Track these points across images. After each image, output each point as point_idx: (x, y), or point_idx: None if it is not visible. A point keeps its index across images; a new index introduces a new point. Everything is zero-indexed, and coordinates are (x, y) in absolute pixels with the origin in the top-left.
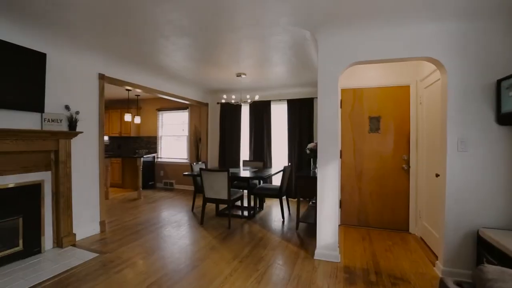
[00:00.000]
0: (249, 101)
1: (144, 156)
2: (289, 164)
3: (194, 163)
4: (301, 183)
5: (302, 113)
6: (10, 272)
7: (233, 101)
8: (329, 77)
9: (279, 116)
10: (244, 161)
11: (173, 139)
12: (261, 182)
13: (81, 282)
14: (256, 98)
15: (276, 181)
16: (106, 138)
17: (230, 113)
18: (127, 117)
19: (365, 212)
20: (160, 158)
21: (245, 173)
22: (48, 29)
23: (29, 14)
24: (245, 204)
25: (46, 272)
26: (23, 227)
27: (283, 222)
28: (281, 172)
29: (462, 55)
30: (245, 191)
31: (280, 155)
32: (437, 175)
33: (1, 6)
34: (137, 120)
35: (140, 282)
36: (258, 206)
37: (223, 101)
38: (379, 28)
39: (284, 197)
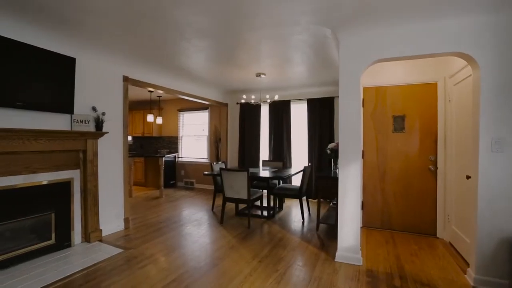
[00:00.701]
0: (268, 101)
1: (166, 155)
2: (309, 164)
3: (214, 163)
4: (321, 184)
5: (322, 113)
6: (44, 264)
7: (252, 101)
8: (351, 75)
9: (299, 116)
10: (263, 161)
11: (193, 139)
12: (281, 182)
13: (108, 276)
14: (276, 98)
15: (296, 181)
16: (129, 138)
17: (249, 113)
18: (150, 118)
19: (388, 214)
20: (181, 157)
21: (264, 173)
22: (77, 35)
23: (60, 21)
24: (265, 204)
25: (75, 265)
26: (55, 222)
27: (303, 222)
28: (301, 172)
29: (496, 49)
30: (265, 191)
31: (300, 155)
32: (468, 177)
33: (35, 15)
34: (159, 120)
35: (162, 279)
36: (277, 206)
37: (242, 101)
38: (405, 24)
39: (304, 198)
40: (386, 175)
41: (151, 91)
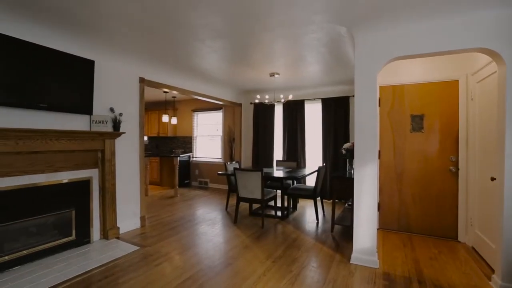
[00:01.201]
0: (282, 100)
1: (180, 155)
2: (324, 164)
3: (228, 163)
4: (336, 184)
5: (337, 112)
6: (66, 259)
7: (266, 101)
8: (367, 74)
9: (313, 116)
10: (277, 161)
11: (207, 139)
12: (295, 182)
13: (125, 272)
14: (290, 97)
15: (310, 181)
16: (145, 138)
17: (263, 113)
18: (165, 118)
19: (406, 216)
20: (195, 157)
21: (278, 173)
22: (96, 38)
23: (81, 26)
24: (279, 204)
25: (94, 261)
26: (76, 219)
27: (317, 223)
28: (316, 173)
29: None
30: (279, 191)
31: (314, 155)
32: (492, 179)
33: (56, 19)
34: (174, 121)
35: (177, 276)
36: (291, 206)
37: (256, 101)
38: (425, 19)
39: (318, 198)
40: (404, 176)
41: (166, 92)
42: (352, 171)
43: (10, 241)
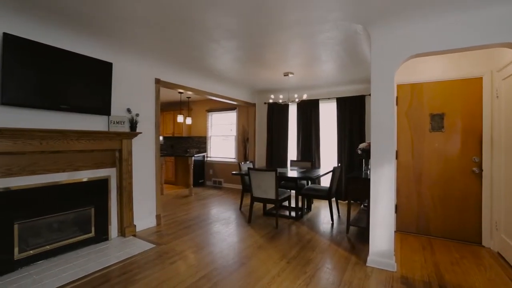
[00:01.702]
0: (296, 100)
1: (195, 155)
2: (339, 164)
3: (242, 163)
4: (352, 185)
5: (352, 112)
6: (85, 255)
7: (280, 101)
8: (384, 72)
9: (328, 115)
10: (291, 161)
11: (221, 139)
12: (309, 182)
13: (142, 269)
14: (304, 97)
15: (325, 182)
16: (160, 138)
17: (277, 112)
18: (179, 118)
19: (425, 219)
20: (210, 157)
21: (292, 173)
22: (114, 41)
23: (100, 30)
24: (293, 204)
25: (112, 257)
26: (95, 217)
27: (332, 224)
28: (331, 173)
29: None
30: (293, 192)
31: (329, 156)
32: None
33: (76, 23)
34: (189, 121)
35: (192, 275)
36: (306, 207)
37: (270, 101)
38: (445, 14)
39: (333, 199)
40: (423, 177)
41: (181, 93)
42: (368, 172)
43: (35, 236)
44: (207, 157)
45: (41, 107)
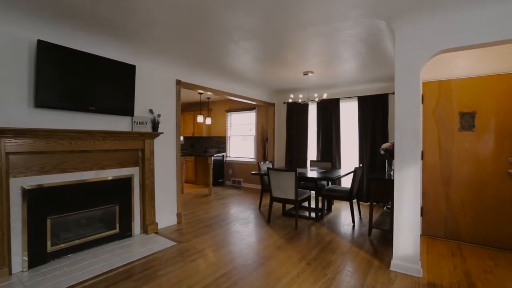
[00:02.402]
0: (316, 99)
1: (215, 155)
2: (360, 165)
3: (261, 163)
4: (374, 186)
5: (375, 111)
6: (110, 250)
7: (300, 100)
8: (409, 69)
9: (348, 115)
10: (311, 161)
11: (240, 139)
12: (330, 183)
13: (163, 266)
14: (324, 96)
15: (346, 183)
16: (181, 138)
17: (296, 112)
18: (199, 119)
19: (454, 223)
20: (229, 157)
21: (312, 173)
22: (137, 44)
23: (125, 33)
24: (313, 205)
25: (135, 253)
26: (119, 214)
27: (353, 226)
28: (352, 174)
29: None
30: (313, 192)
31: (350, 156)
32: None
33: (102, 28)
34: (208, 121)
35: (212, 273)
36: (326, 208)
37: (289, 100)
38: (476, 6)
39: (354, 200)
40: (452, 179)
41: (201, 93)
42: (392, 173)
43: (65, 231)
44: (226, 157)
45: (70, 108)
